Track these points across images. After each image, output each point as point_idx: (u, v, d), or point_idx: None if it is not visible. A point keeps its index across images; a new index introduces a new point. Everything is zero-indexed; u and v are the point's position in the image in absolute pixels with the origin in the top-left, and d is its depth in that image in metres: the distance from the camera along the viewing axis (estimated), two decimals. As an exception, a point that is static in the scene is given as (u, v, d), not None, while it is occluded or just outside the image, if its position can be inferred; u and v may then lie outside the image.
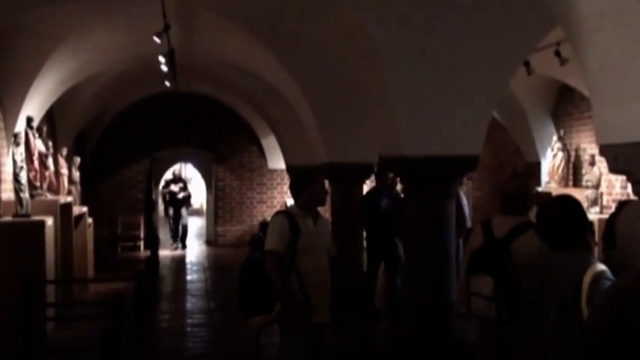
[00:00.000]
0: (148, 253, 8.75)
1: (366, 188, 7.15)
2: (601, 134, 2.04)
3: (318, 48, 4.60)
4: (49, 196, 5.47)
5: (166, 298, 6.62)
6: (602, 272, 2.03)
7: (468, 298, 2.75)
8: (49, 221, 4.90)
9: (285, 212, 3.21)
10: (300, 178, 3.23)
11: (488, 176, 8.89)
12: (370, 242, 5.76)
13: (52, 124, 6.81)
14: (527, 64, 5.63)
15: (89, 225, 7.09)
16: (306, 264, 3.03)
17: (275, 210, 10.44)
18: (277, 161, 9.85)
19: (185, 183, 10.50)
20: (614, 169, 2.00)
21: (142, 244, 9.97)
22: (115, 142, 9.65)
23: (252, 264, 3.12)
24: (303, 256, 3.03)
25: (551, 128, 7.55)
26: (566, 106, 7.47)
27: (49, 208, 5.12)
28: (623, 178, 2.04)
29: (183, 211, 10.12)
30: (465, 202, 5.31)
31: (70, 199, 6.02)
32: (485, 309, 2.65)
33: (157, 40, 4.80)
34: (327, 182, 5.04)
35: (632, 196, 2.55)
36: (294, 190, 3.18)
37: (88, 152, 9.35)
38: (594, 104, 2.06)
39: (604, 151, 2.01)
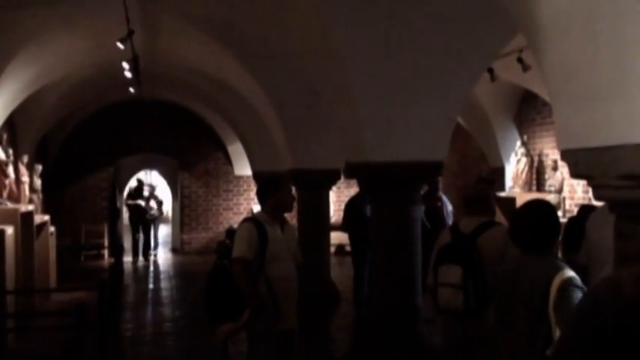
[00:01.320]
0: (112, 261, 8.64)
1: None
2: (562, 139, 2.06)
3: (283, 54, 4.60)
4: (10, 205, 5.36)
5: (131, 307, 6.53)
6: (570, 279, 2.06)
7: (435, 291, 2.80)
8: (9, 230, 4.80)
9: (252, 219, 3.19)
10: (267, 184, 3.21)
11: (454, 182, 8.97)
12: (354, 249, 5.68)
13: (12, 131, 6.69)
14: (490, 70, 5.70)
15: (51, 234, 6.97)
16: (274, 271, 3.02)
17: (242, 217, 10.44)
18: (243, 168, 9.81)
19: (160, 201, 10.24)
20: (574, 173, 2.02)
21: (106, 252, 9.83)
22: (79, 150, 9.50)
23: (219, 271, 3.09)
24: (271, 263, 3.02)
25: (515, 134, 7.65)
26: (529, 112, 7.58)
27: (9, 217, 5.01)
28: (585, 182, 2.07)
29: (153, 227, 9.98)
30: (449, 208, 5.29)
31: (31, 207, 5.90)
32: (452, 299, 2.70)
33: (120, 46, 4.75)
34: (293, 188, 5.02)
35: (594, 201, 2.59)
36: (261, 196, 3.17)
37: (51, 159, 9.19)
38: (555, 110, 2.08)
39: (565, 156, 2.03)
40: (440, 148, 3.81)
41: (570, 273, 2.08)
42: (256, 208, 9.87)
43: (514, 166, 7.52)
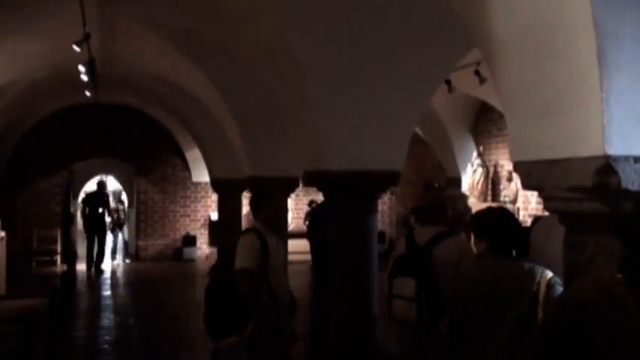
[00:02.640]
0: (65, 267, 8.46)
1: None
2: (515, 151, 2.10)
3: (242, 61, 4.58)
4: (-42, 209, 5.22)
5: (83, 315, 6.41)
6: (553, 276, 2.13)
7: (390, 303, 2.80)
8: (-43, 235, 4.67)
9: (254, 230, 3.16)
10: (261, 194, 3.26)
11: (411, 191, 9.05)
12: (314, 257, 5.66)
13: (-38, 133, 6.52)
14: (448, 82, 5.78)
15: (1, 239, 6.80)
16: (275, 281, 3.03)
17: (199, 224, 10.36)
18: (201, 174, 9.73)
19: (124, 206, 10.09)
20: (526, 185, 2.06)
21: (58, 258, 9.62)
22: (32, 153, 9.31)
23: (219, 285, 3.06)
24: (272, 274, 3.03)
25: (472, 145, 7.77)
26: (485, 123, 7.71)
27: (-43, 222, 4.87)
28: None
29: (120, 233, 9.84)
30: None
31: (-19, 211, 5.75)
32: (405, 311, 2.70)
33: (76, 49, 4.67)
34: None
35: (546, 212, 2.64)
36: (255, 206, 3.19)
37: (3, 163, 8.98)
38: (508, 122, 2.12)
39: (517, 167, 2.07)
40: (397, 157, 3.84)
41: (550, 272, 2.14)
42: (214, 215, 9.79)
43: (470, 177, 7.63)
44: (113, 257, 10.13)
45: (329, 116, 3.63)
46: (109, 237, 9.93)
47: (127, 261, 10.02)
